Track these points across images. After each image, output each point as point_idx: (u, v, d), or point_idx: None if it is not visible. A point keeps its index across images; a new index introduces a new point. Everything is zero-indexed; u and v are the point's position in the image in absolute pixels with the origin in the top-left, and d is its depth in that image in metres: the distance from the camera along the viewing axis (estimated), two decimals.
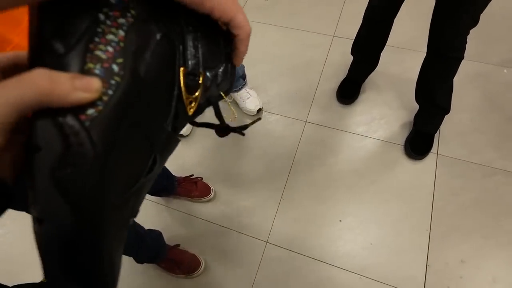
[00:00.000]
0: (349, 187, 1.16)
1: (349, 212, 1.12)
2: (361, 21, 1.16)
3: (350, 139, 1.26)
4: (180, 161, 1.26)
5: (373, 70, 1.29)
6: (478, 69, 1.37)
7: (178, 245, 1.07)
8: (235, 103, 1.33)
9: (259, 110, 1.31)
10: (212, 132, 1.19)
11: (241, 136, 1.34)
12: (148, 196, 1.17)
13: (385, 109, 1.31)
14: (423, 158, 1.18)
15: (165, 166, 1.04)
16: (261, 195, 1.17)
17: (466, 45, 0.97)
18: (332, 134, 1.27)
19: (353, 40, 1.24)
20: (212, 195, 1.16)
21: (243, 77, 1.26)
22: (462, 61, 0.99)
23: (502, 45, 1.43)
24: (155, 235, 1.01)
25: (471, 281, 0.98)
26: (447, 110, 1.15)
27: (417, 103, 1.19)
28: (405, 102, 1.31)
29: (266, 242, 1.09)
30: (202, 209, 1.17)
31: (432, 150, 1.19)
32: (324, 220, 1.11)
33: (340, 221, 1.10)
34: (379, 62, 1.26)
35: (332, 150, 1.24)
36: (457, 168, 1.16)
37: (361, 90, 1.35)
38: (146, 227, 0.98)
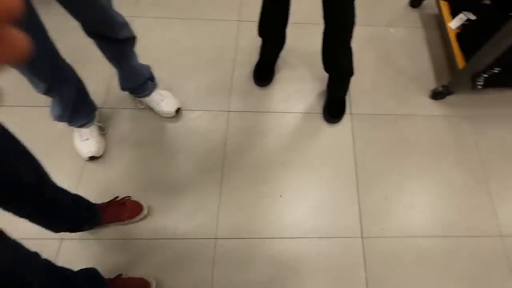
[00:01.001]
0: (282, 163, 1.24)
1: (287, 185, 1.21)
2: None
3: (274, 118, 1.34)
4: (101, 188, 1.17)
5: (282, 49, 1.39)
6: (369, 32, 1.58)
7: (120, 274, 1.02)
8: (150, 109, 1.29)
9: (178, 110, 1.30)
10: (127, 147, 1.12)
11: (164, 142, 1.34)
12: (69, 235, 1.06)
13: (300, 83, 1.43)
14: (340, 120, 1.33)
15: (81, 197, 0.97)
16: (199, 196, 1.18)
17: (356, 12, 1.11)
18: (256, 117, 1.34)
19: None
20: (145, 211, 1.13)
21: (151, 79, 1.22)
22: (356, 27, 1.13)
23: (384, 8, 1.67)
24: (89, 274, 0.94)
25: (395, 210, 1.17)
26: (351, 73, 1.30)
27: (326, 72, 1.33)
28: (316, 74, 1.44)
29: (215, 239, 1.11)
30: (138, 228, 1.12)
31: (346, 112, 1.35)
32: (267, 200, 1.18)
33: (281, 196, 1.19)
34: (287, 41, 1.36)
35: (259, 132, 1.31)
36: (369, 122, 1.34)
37: (275, 70, 1.44)
38: (78, 267, 0.90)
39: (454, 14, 1.42)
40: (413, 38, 1.59)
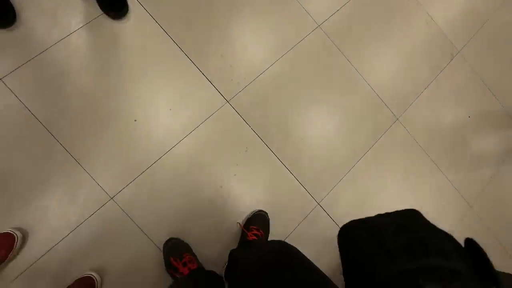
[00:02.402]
0: (108, 91, 1.17)
1: (136, 107, 1.18)
2: None
3: (59, 51, 1.14)
4: None
5: None
6: None
7: None
8: None
9: None
10: None
11: None
12: None
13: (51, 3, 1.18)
14: (127, 7, 1.21)
15: None
16: (53, 183, 1.08)
17: None
18: (37, 65, 1.12)
19: None
20: (18, 235, 1.02)
21: None
22: None
23: None
24: None
25: (235, 60, 1.33)
26: None
27: None
28: None
29: (111, 199, 1.11)
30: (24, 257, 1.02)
31: None
32: (124, 132, 1.16)
33: (135, 120, 1.17)
34: None
35: (59, 77, 1.13)
36: None
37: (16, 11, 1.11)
38: None
39: None
40: None
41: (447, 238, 0.35)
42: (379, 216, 0.41)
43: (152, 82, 1.21)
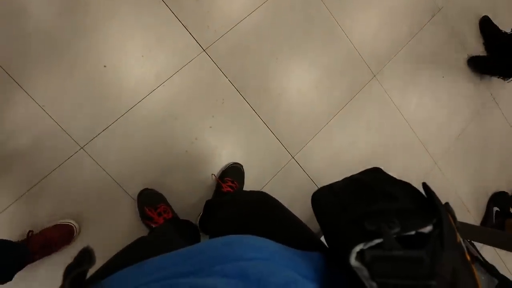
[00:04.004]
0: (75, 30, 1.12)
1: (104, 53, 1.15)
2: None
3: None
4: None
5: None
6: None
7: (31, 231, 1.05)
8: None
9: None
10: None
11: None
12: None
13: None
14: None
15: None
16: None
17: None
18: None
19: None
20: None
21: None
22: None
23: None
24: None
25: (212, 7, 1.30)
26: None
27: None
28: None
29: (82, 148, 1.12)
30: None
31: None
32: (95, 79, 1.14)
33: (105, 66, 1.15)
34: None
35: (20, 10, 1.06)
36: None
37: None
38: None
39: None
40: None
41: (403, 186, 0.40)
42: (344, 179, 0.47)
43: (122, 25, 1.17)
